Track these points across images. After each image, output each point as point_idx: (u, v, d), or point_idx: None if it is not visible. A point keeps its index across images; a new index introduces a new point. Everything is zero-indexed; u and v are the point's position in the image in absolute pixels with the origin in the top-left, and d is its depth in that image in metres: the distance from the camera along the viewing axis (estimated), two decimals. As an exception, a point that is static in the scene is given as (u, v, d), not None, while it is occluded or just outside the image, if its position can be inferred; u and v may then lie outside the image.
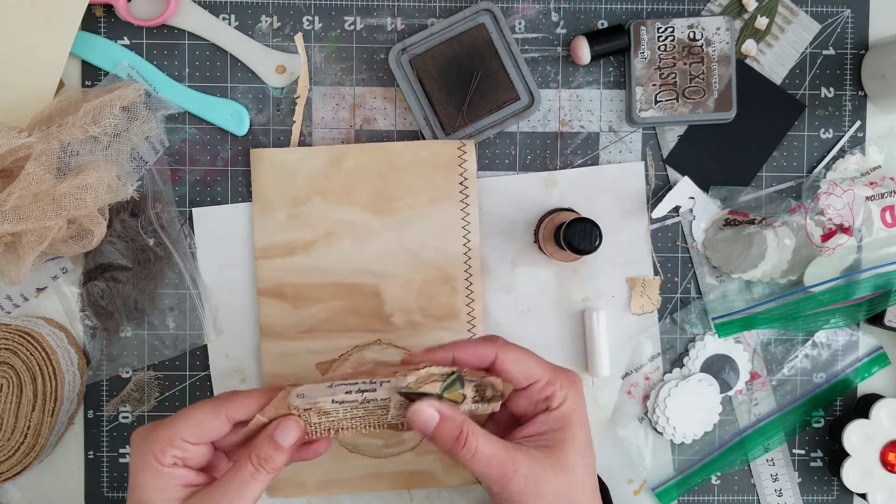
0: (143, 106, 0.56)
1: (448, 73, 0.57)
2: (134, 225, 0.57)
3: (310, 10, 0.59)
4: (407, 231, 0.58)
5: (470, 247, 0.59)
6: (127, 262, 0.57)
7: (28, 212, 0.50)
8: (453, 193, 0.58)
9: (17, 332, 0.55)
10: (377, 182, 0.58)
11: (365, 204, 0.58)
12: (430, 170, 0.58)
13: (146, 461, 0.44)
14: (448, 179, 0.58)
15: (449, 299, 0.59)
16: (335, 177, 0.58)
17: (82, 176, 0.51)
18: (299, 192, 0.58)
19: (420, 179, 0.58)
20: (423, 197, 0.58)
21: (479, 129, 0.58)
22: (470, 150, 0.58)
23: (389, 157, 0.58)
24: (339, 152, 0.58)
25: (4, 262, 0.52)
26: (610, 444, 0.61)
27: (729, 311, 0.60)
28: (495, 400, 0.49)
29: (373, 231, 0.58)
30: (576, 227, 0.52)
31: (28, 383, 0.55)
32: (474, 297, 0.59)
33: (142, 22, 0.57)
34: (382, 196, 0.58)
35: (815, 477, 0.62)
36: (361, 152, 0.58)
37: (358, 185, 0.58)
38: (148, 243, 0.57)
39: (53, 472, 0.59)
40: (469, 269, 0.59)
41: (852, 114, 0.61)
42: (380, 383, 0.48)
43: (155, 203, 0.58)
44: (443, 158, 0.58)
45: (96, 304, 0.57)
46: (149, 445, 0.44)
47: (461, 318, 0.59)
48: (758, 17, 0.59)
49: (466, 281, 0.59)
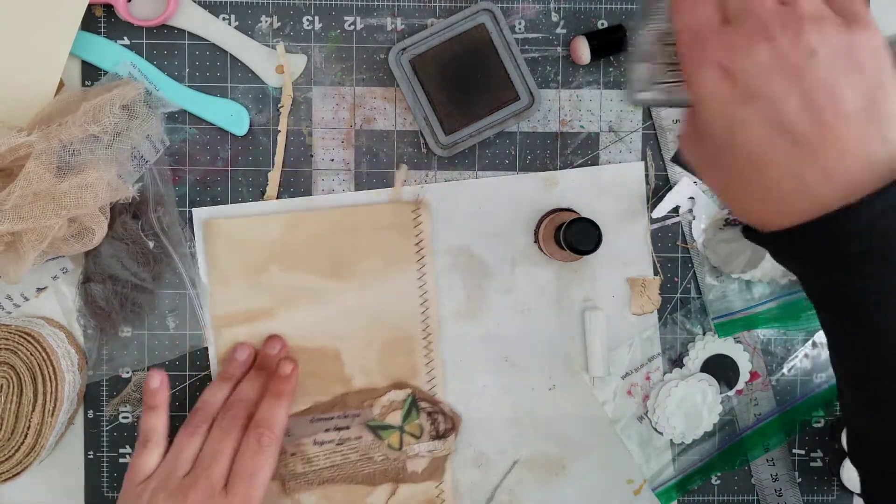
0: (143, 104, 0.56)
1: (448, 73, 0.57)
2: (135, 227, 0.57)
3: (310, 10, 0.59)
4: (365, 294, 0.59)
5: (428, 306, 0.59)
6: (127, 265, 0.57)
7: (28, 211, 0.50)
8: (410, 255, 0.59)
9: (17, 332, 0.55)
10: (333, 247, 0.58)
11: (322, 270, 0.59)
12: (386, 233, 0.59)
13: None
14: (404, 243, 0.59)
15: (408, 360, 0.59)
16: (291, 244, 0.58)
17: (83, 175, 0.51)
18: (256, 261, 0.58)
19: (376, 244, 0.59)
20: (380, 261, 0.59)
21: (479, 129, 0.58)
22: (425, 212, 0.59)
23: (344, 222, 0.59)
24: (293, 220, 0.58)
25: (4, 261, 0.52)
26: (610, 444, 0.61)
27: (729, 311, 0.60)
28: (448, 435, 0.58)
29: (331, 295, 0.59)
30: (576, 228, 0.52)
31: (28, 383, 0.55)
32: (433, 357, 0.59)
33: (142, 22, 0.57)
34: (339, 261, 0.59)
35: (815, 477, 0.62)
36: (315, 219, 0.58)
37: (314, 251, 0.58)
38: (148, 246, 0.57)
39: (53, 472, 0.59)
40: (427, 328, 0.59)
41: (852, 114, 0.61)
42: (352, 417, 0.58)
43: (157, 206, 0.57)
44: (398, 221, 0.59)
45: (94, 305, 0.57)
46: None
47: (421, 378, 0.59)
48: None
49: (425, 341, 0.59)
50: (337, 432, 0.58)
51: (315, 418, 0.59)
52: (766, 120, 0.35)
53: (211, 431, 0.54)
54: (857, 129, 0.34)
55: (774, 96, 0.35)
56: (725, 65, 0.35)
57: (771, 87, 0.35)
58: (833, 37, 0.34)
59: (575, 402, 0.61)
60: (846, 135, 0.34)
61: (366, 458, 0.59)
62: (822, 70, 0.34)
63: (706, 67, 0.36)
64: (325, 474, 0.58)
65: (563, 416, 0.61)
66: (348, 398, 0.59)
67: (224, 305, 0.59)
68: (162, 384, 0.56)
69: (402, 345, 0.59)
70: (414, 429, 0.59)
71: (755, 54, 0.35)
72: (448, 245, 0.60)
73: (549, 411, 0.61)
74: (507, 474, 0.60)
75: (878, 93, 0.34)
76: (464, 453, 0.61)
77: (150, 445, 0.54)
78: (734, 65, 0.35)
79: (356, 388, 0.59)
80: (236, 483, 0.52)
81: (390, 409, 0.59)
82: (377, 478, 0.59)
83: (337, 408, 0.59)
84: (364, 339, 0.59)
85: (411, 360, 0.59)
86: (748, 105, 0.35)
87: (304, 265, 0.58)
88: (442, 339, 0.60)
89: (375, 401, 0.59)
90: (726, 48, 0.35)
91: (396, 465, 0.59)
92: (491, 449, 0.61)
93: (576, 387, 0.61)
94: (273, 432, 0.53)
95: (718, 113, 0.36)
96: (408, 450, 0.59)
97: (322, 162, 0.60)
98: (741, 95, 0.35)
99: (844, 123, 0.34)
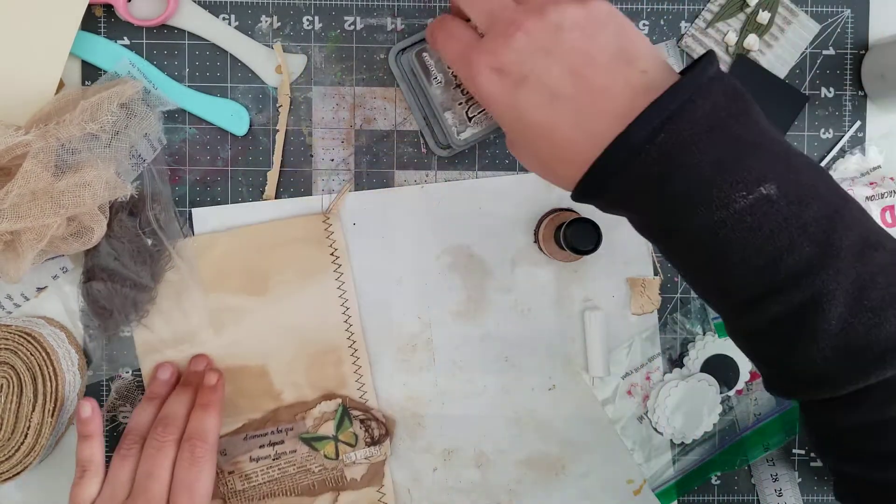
0: (141, 103, 0.56)
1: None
2: (132, 225, 0.57)
3: (310, 10, 0.59)
4: (285, 308, 0.59)
5: (349, 314, 0.59)
6: (125, 263, 0.57)
7: (26, 210, 0.50)
8: (325, 265, 0.59)
9: (17, 332, 0.55)
10: (247, 265, 0.59)
11: (240, 287, 0.59)
12: (298, 246, 0.59)
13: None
14: (318, 254, 0.59)
15: (336, 370, 0.59)
16: (205, 266, 0.58)
17: (81, 173, 0.51)
18: (173, 286, 0.58)
19: (290, 257, 0.59)
20: (296, 274, 0.59)
21: (484, 130, 0.58)
22: (335, 223, 0.59)
23: (255, 240, 0.59)
24: (207, 242, 0.58)
25: (4, 260, 0.52)
26: (610, 444, 0.61)
27: (729, 311, 0.60)
28: (382, 440, 0.59)
29: (251, 312, 0.59)
30: (576, 228, 0.52)
31: (28, 383, 0.55)
32: (361, 364, 0.59)
33: (142, 22, 0.57)
34: (256, 277, 0.59)
35: (815, 477, 0.62)
36: (228, 238, 0.58)
37: (229, 270, 0.59)
38: (146, 244, 0.57)
39: (53, 472, 0.59)
40: (352, 336, 0.59)
41: (852, 114, 0.61)
42: (286, 431, 0.59)
43: (154, 204, 0.57)
44: (310, 233, 0.59)
45: (96, 304, 0.57)
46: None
47: (350, 387, 0.59)
48: (759, 12, 0.59)
49: (351, 348, 0.59)
50: (272, 447, 0.59)
51: (249, 435, 0.59)
52: (539, 92, 0.40)
53: (143, 451, 0.54)
54: (616, 73, 0.39)
55: (539, 71, 0.40)
56: (494, 66, 0.41)
57: (534, 65, 0.40)
58: (572, 11, 0.40)
59: (575, 402, 0.61)
60: (608, 81, 0.39)
61: (303, 471, 0.59)
62: (570, 38, 0.40)
63: (481, 75, 0.42)
64: (265, 489, 0.59)
65: (563, 416, 0.61)
66: (280, 413, 0.59)
67: (157, 327, 0.59)
68: (94, 412, 0.55)
69: (328, 356, 0.59)
70: (348, 437, 0.59)
71: (513, 44, 0.40)
72: (448, 245, 0.60)
73: (548, 411, 0.61)
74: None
75: (623, 41, 0.40)
76: (464, 453, 0.61)
77: (87, 475, 0.54)
78: (500, 62, 0.41)
79: (287, 402, 0.59)
80: (177, 497, 0.52)
81: (322, 420, 0.59)
82: (317, 488, 0.60)
83: (269, 423, 0.59)
84: (290, 353, 0.59)
85: (339, 370, 0.59)
86: (521, 87, 0.40)
87: (220, 285, 0.59)
88: (439, 338, 0.60)
89: (307, 413, 0.59)
90: (489, 53, 0.41)
91: (335, 475, 0.59)
92: (491, 449, 0.61)
93: (576, 387, 0.61)
94: (206, 442, 0.53)
95: (504, 105, 0.41)
96: (344, 458, 0.59)
97: (322, 162, 0.60)
98: (513, 83, 0.41)
99: (603, 72, 0.39)
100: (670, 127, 0.36)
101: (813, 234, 0.36)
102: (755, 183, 0.36)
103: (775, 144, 0.38)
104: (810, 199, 0.37)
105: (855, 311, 0.36)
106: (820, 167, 0.39)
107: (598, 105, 0.39)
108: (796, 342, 0.38)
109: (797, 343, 0.38)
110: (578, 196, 0.42)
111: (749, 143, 0.37)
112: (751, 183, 0.36)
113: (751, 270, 0.37)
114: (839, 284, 0.36)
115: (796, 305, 0.37)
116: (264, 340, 0.59)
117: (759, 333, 0.39)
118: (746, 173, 0.36)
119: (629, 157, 0.37)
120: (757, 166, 0.36)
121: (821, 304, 0.36)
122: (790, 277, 0.37)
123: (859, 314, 0.36)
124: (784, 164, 0.37)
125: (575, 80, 0.40)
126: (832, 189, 0.38)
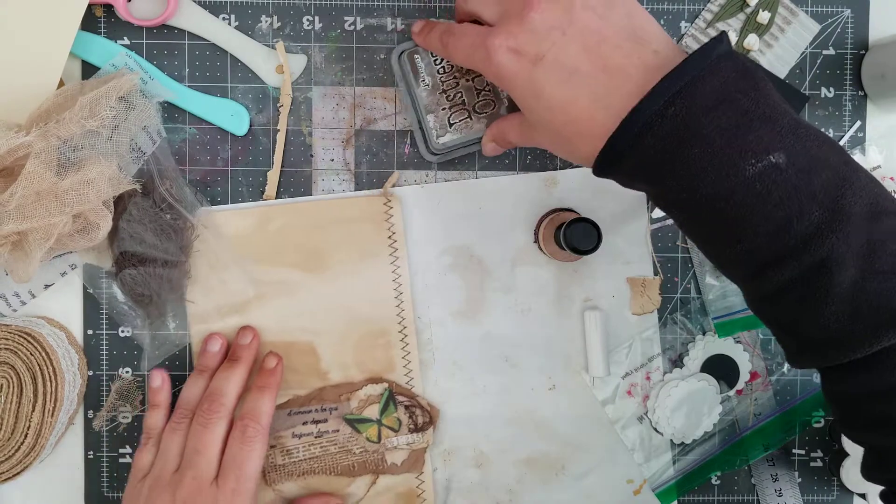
0: (139, 94, 0.56)
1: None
2: (148, 205, 0.56)
3: (310, 10, 0.59)
4: (339, 287, 0.59)
5: (402, 299, 0.59)
6: (151, 243, 0.56)
7: (32, 210, 0.50)
8: (382, 248, 0.59)
9: (17, 332, 0.55)
10: (305, 241, 0.59)
11: (295, 263, 0.59)
12: (358, 226, 0.59)
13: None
14: (377, 235, 0.59)
15: (385, 353, 0.59)
16: (262, 239, 0.58)
17: (83, 171, 0.51)
18: (230, 255, 0.58)
19: (348, 236, 0.59)
20: (353, 253, 0.59)
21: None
22: (396, 205, 0.59)
23: (316, 215, 0.59)
24: (265, 214, 0.58)
25: (13, 260, 0.52)
26: (611, 444, 0.61)
27: (729, 311, 0.60)
28: (426, 428, 0.59)
29: (304, 289, 0.59)
30: (576, 227, 0.52)
31: (28, 383, 0.55)
32: (410, 350, 0.59)
33: (142, 22, 0.57)
34: (312, 254, 0.59)
35: (815, 477, 0.62)
36: (288, 213, 0.58)
37: (286, 245, 0.59)
38: (165, 219, 0.57)
39: (53, 472, 0.60)
40: (403, 321, 0.59)
41: (852, 114, 0.61)
42: (330, 410, 0.59)
43: (163, 180, 0.57)
44: (369, 214, 0.59)
45: (133, 292, 0.57)
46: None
47: (398, 372, 0.59)
48: (759, 12, 0.59)
49: (401, 334, 0.59)
50: (315, 425, 0.59)
51: (293, 411, 0.59)
52: (557, 70, 0.42)
53: (192, 426, 0.54)
54: (631, 52, 0.41)
55: (556, 50, 0.42)
56: (510, 46, 0.43)
57: (551, 43, 0.42)
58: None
59: (575, 402, 0.61)
60: (622, 60, 0.41)
61: (345, 451, 0.59)
62: (583, 17, 0.42)
63: (497, 54, 0.43)
64: (305, 466, 0.59)
65: (563, 416, 0.61)
66: (325, 392, 0.59)
67: (198, 300, 0.59)
68: (164, 383, 0.57)
69: (377, 339, 0.59)
70: (392, 422, 0.59)
71: (528, 25, 0.43)
72: (448, 245, 0.60)
73: (548, 411, 0.61)
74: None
75: (634, 21, 0.42)
76: (463, 453, 0.61)
77: (149, 443, 0.55)
78: (517, 42, 0.43)
79: (333, 381, 0.59)
80: (226, 474, 0.52)
81: (367, 402, 0.59)
82: (357, 469, 0.59)
83: (314, 401, 0.59)
84: (340, 333, 0.59)
85: (388, 354, 0.59)
86: (540, 65, 0.42)
87: (277, 259, 0.59)
88: (439, 338, 0.60)
89: (353, 394, 0.59)
90: (504, 34, 0.43)
91: (375, 458, 0.59)
92: (490, 449, 0.61)
93: (575, 387, 0.61)
94: (259, 423, 0.54)
95: (523, 82, 0.43)
96: (386, 442, 0.59)
97: (322, 162, 0.60)
98: (530, 61, 0.43)
99: (618, 51, 0.41)
100: (681, 100, 0.38)
101: (822, 201, 0.37)
102: (764, 152, 0.37)
103: (786, 116, 0.39)
104: (820, 168, 0.38)
105: (866, 274, 0.37)
106: (830, 139, 0.40)
107: (615, 81, 0.41)
108: (810, 305, 0.39)
109: (811, 306, 0.39)
110: (599, 170, 0.43)
111: (759, 115, 0.38)
112: (760, 152, 0.37)
113: (762, 236, 0.38)
114: (849, 247, 0.37)
115: (807, 268, 0.38)
116: (315, 318, 0.59)
117: (774, 300, 0.40)
118: (756, 143, 0.38)
119: (642, 129, 0.39)
120: (767, 137, 0.38)
121: (830, 267, 0.37)
122: (800, 242, 0.38)
123: (871, 277, 0.37)
124: (793, 135, 0.38)
125: (591, 58, 0.42)
126: (842, 159, 0.39)
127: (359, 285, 0.59)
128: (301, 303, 0.59)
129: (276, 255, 0.59)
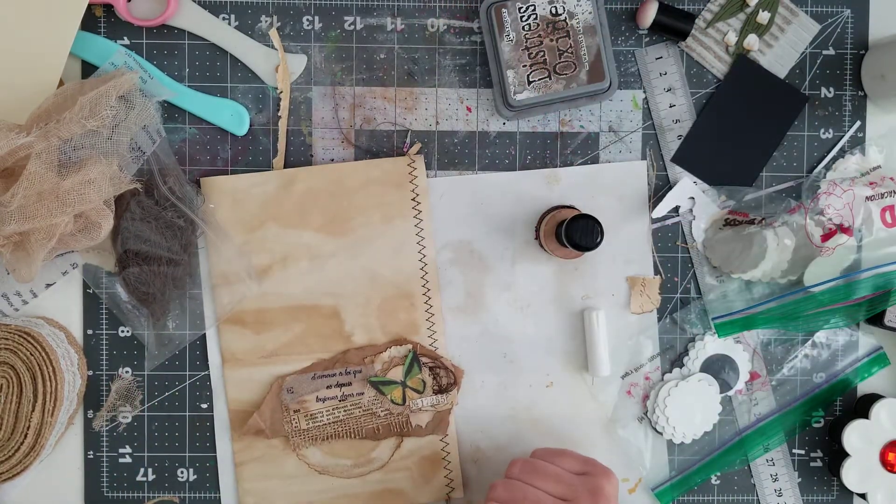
0: (139, 93, 0.56)
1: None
2: (151, 204, 0.56)
3: (310, 10, 0.59)
4: (362, 250, 0.59)
5: (426, 261, 0.59)
6: (155, 241, 0.56)
7: (34, 210, 0.51)
8: (406, 210, 0.59)
9: (17, 332, 0.55)
10: (329, 204, 0.59)
11: (319, 226, 0.59)
12: (382, 188, 0.59)
13: None
14: (400, 196, 0.59)
15: (408, 315, 0.59)
16: (287, 201, 0.58)
17: (84, 171, 0.51)
18: (252, 218, 0.58)
19: (372, 199, 0.59)
20: (376, 216, 0.59)
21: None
22: (420, 166, 0.59)
23: (340, 178, 0.59)
24: (289, 176, 0.58)
25: (15, 260, 0.53)
26: (610, 444, 0.61)
27: (729, 311, 0.60)
28: (450, 389, 0.58)
29: (328, 252, 0.59)
30: (577, 224, 0.52)
31: (28, 383, 0.55)
32: (434, 311, 0.59)
33: (142, 22, 0.57)
34: (336, 217, 0.59)
35: (815, 477, 0.62)
36: (311, 175, 0.58)
37: (310, 207, 0.58)
38: (168, 218, 0.57)
39: (53, 472, 0.60)
40: (427, 283, 0.59)
41: (852, 114, 0.61)
42: (354, 373, 0.58)
43: (165, 178, 0.57)
44: (393, 176, 0.59)
45: (137, 291, 0.57)
46: None
47: (422, 333, 0.59)
48: (759, 12, 0.59)
49: (425, 296, 0.59)
50: (339, 388, 0.59)
51: (317, 375, 0.59)
52: None
53: None
54: None
55: None
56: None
57: None
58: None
59: (573, 400, 0.61)
60: None
61: (369, 414, 0.59)
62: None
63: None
64: (330, 430, 0.59)
65: (561, 413, 0.61)
66: (349, 355, 0.59)
67: (221, 263, 0.59)
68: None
69: (401, 301, 0.59)
70: (416, 384, 0.59)
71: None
72: (449, 240, 0.60)
73: (546, 409, 0.61)
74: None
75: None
76: (461, 449, 0.61)
77: None
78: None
79: (357, 344, 0.59)
80: None
81: (391, 364, 0.59)
82: (381, 432, 0.59)
83: (338, 364, 0.59)
84: (363, 296, 0.59)
85: (412, 315, 0.59)
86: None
87: (300, 221, 0.59)
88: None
89: (376, 357, 0.59)
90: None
91: (400, 420, 0.59)
92: (488, 445, 0.61)
93: (574, 385, 0.61)
94: None
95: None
96: (411, 404, 0.59)
97: (322, 162, 0.60)
98: None
99: None
100: None
101: None
102: None
103: None
104: None
105: None
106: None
107: None
108: None
109: None
110: None
111: None
112: None
113: None
114: None
115: None
116: (339, 281, 0.59)
117: None
118: None
119: None
120: None
121: None
122: None
123: None
124: None
125: None
126: None
127: (383, 248, 0.59)
128: (325, 266, 0.59)
129: (300, 219, 0.58)
